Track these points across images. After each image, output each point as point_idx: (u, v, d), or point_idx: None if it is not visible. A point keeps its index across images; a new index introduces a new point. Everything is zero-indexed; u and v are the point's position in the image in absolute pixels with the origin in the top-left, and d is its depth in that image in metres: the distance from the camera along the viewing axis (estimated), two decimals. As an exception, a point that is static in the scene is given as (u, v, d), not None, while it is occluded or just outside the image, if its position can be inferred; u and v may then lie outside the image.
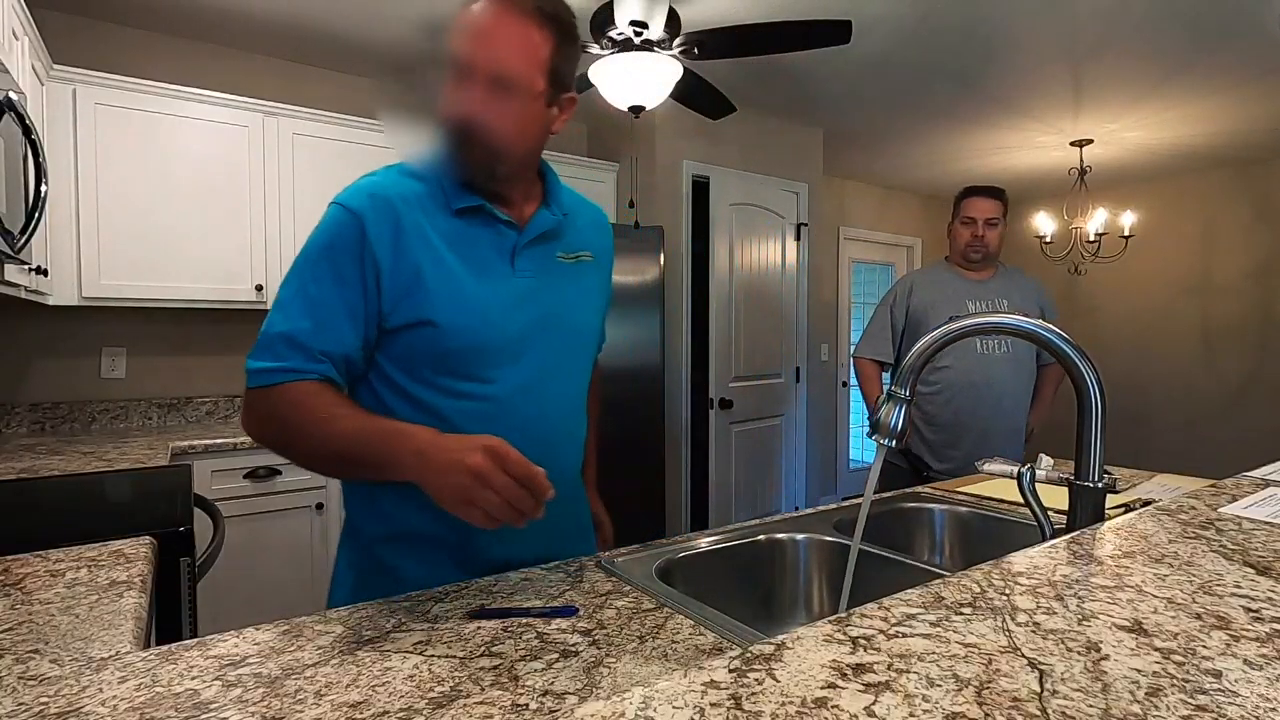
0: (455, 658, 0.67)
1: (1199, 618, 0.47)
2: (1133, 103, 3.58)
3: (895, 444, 0.82)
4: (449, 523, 0.91)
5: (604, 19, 2.24)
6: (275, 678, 0.63)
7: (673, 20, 2.28)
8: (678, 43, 2.32)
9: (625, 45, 2.26)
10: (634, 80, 2.31)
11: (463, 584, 0.87)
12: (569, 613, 0.78)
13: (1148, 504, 0.79)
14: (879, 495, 1.41)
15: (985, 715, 0.35)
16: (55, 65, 2.29)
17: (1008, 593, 0.52)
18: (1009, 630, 0.45)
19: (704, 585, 1.02)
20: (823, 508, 1.32)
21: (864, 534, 0.82)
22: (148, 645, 0.79)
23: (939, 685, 0.38)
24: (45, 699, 0.59)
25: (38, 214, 1.70)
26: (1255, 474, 0.89)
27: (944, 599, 0.51)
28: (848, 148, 4.41)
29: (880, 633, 0.45)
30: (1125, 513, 0.76)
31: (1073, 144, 4.23)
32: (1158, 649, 0.42)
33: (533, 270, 0.97)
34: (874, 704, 0.36)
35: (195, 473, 1.97)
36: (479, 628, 0.74)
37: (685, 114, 3.04)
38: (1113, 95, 3.48)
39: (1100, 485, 0.81)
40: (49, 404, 2.61)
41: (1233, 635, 0.44)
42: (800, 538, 1.15)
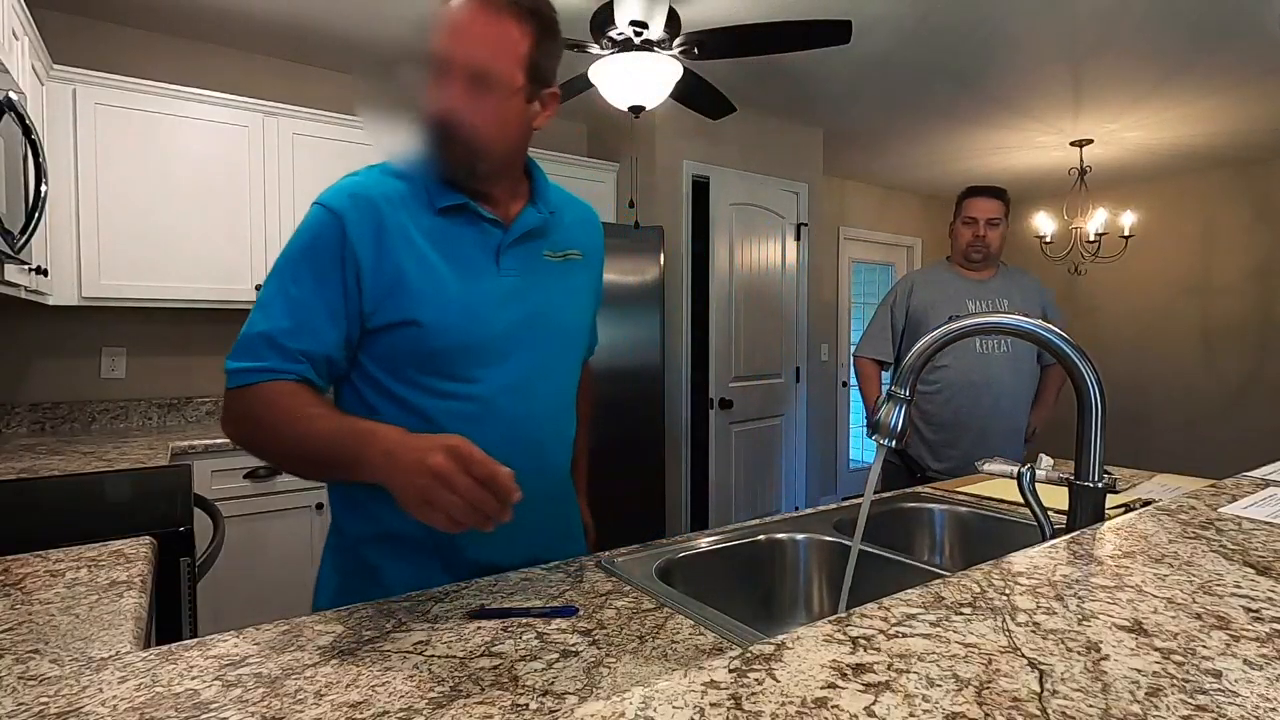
0: (455, 658, 0.67)
1: (1199, 618, 0.47)
2: (1133, 103, 3.58)
3: (895, 444, 0.82)
4: (427, 525, 0.92)
5: (604, 19, 2.24)
6: (275, 678, 0.63)
7: (673, 20, 2.28)
8: (678, 43, 2.32)
9: (625, 45, 2.26)
10: (634, 80, 2.31)
11: (462, 584, 0.87)
12: (569, 613, 0.78)
13: (1148, 504, 0.79)
14: (879, 495, 1.41)
15: (985, 715, 0.35)
16: (55, 65, 2.29)
17: (1008, 593, 0.52)
18: (1009, 630, 0.45)
19: (704, 585, 1.02)
20: (823, 508, 1.32)
21: (864, 534, 0.82)
22: (148, 645, 0.79)
23: (939, 685, 0.38)
24: (45, 699, 0.59)
25: (38, 214, 1.70)
26: (1255, 474, 0.89)
27: (944, 599, 0.51)
28: (848, 148, 4.41)
29: (880, 633, 0.45)
30: (1125, 513, 0.76)
31: (1073, 144, 4.23)
32: (1158, 649, 0.42)
33: (519, 269, 0.96)
34: (874, 704, 0.36)
35: (195, 473, 1.97)
36: (479, 628, 0.74)
37: (685, 114, 3.04)
38: (1113, 95, 3.48)
39: (1100, 485, 0.81)
40: (49, 404, 2.61)
41: (1233, 635, 0.44)
42: (800, 538, 1.15)
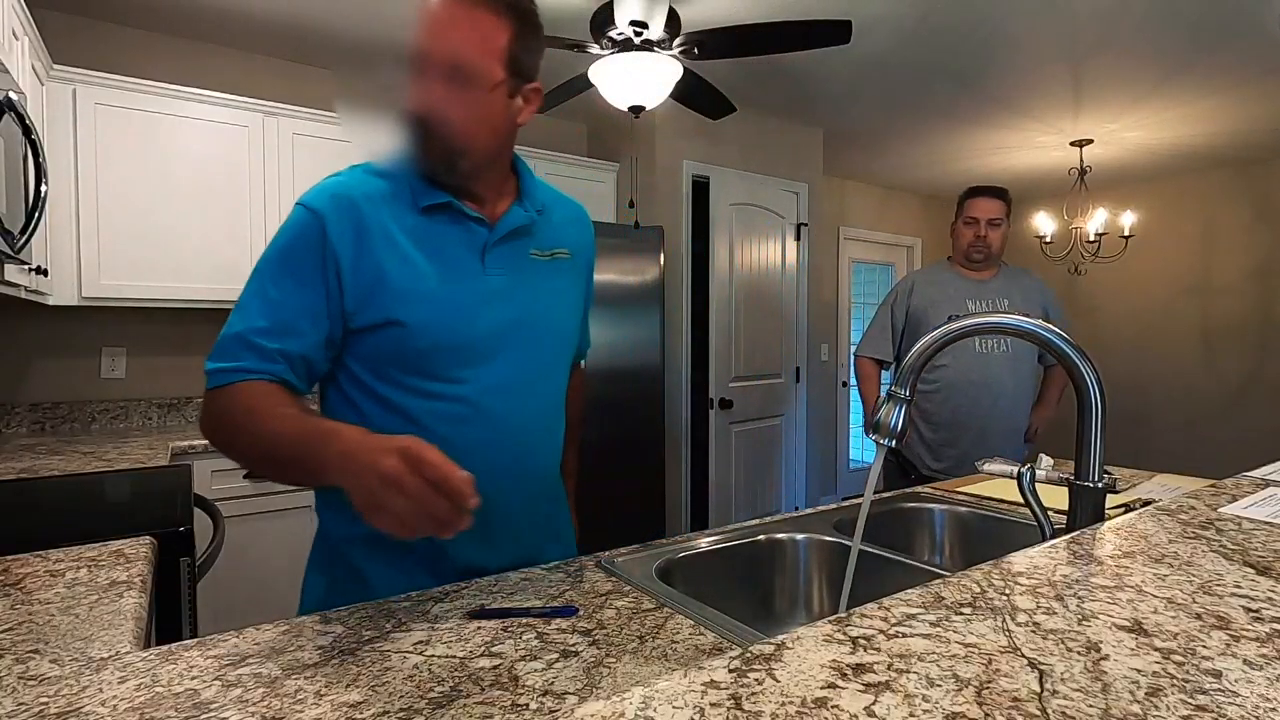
0: (455, 658, 0.67)
1: (1199, 618, 0.47)
2: (1133, 103, 3.58)
3: (895, 444, 0.82)
4: None
5: (604, 19, 2.24)
6: (275, 678, 0.63)
7: (673, 20, 2.28)
8: (678, 43, 2.32)
9: (625, 45, 2.26)
10: (634, 80, 2.31)
11: (462, 584, 0.87)
12: (569, 613, 0.78)
13: (1148, 504, 0.79)
14: (879, 495, 1.41)
15: (985, 715, 0.35)
16: (55, 65, 2.29)
17: (1008, 593, 0.52)
18: (1009, 630, 0.45)
19: (704, 585, 1.02)
20: (823, 508, 1.32)
21: (864, 534, 0.82)
22: (148, 645, 0.79)
23: (939, 685, 0.38)
24: (45, 699, 0.59)
25: (38, 214, 1.70)
26: (1255, 474, 0.89)
27: (944, 599, 0.51)
28: (848, 148, 4.41)
29: (880, 633, 0.45)
30: (1125, 513, 0.76)
31: (1073, 144, 4.23)
32: (1158, 649, 0.42)
33: (504, 268, 0.95)
34: (874, 704, 0.36)
35: (195, 473, 1.97)
36: (479, 628, 0.74)
37: (685, 114, 3.04)
38: (1113, 95, 3.48)
39: (1100, 485, 0.81)
40: (49, 404, 2.61)
41: (1233, 635, 0.44)
42: (800, 538, 1.14)
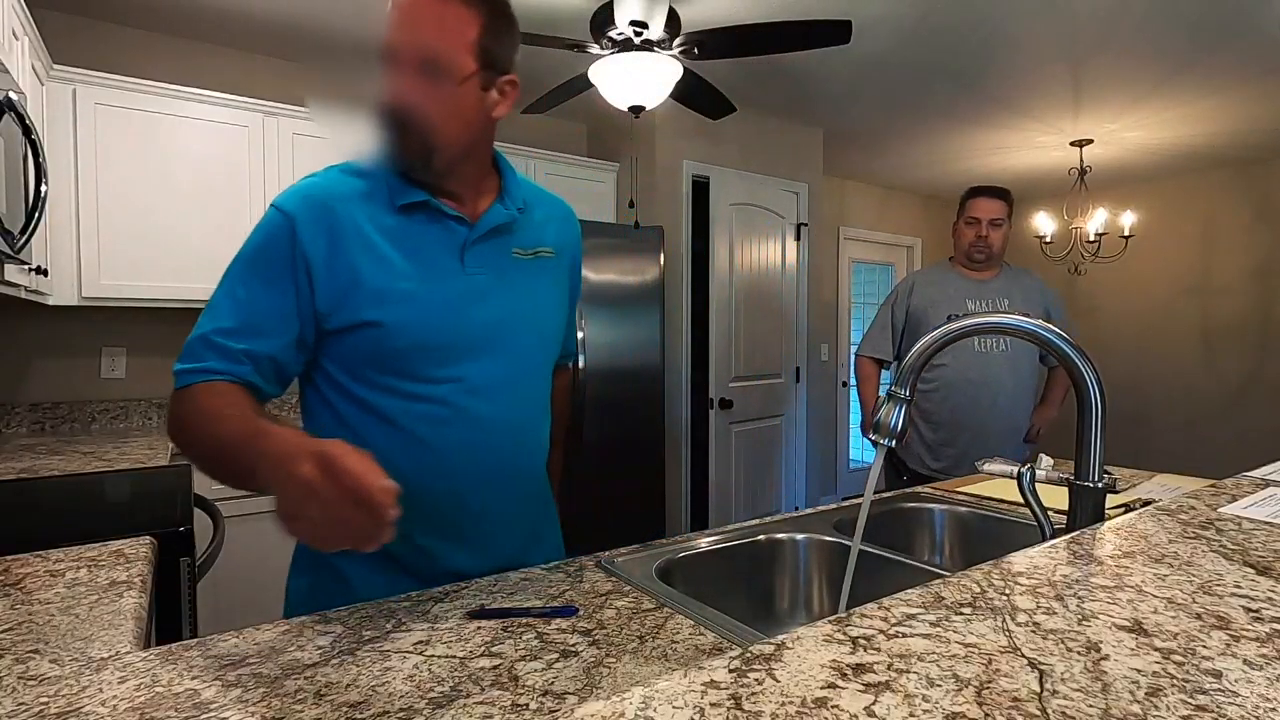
0: (455, 658, 0.67)
1: (1199, 618, 0.47)
2: (1133, 103, 3.58)
3: (895, 444, 0.82)
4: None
5: (604, 19, 2.24)
6: (275, 678, 0.63)
7: (673, 20, 2.28)
8: (678, 43, 2.32)
9: (625, 45, 2.26)
10: (634, 80, 2.31)
11: (462, 584, 0.87)
12: (569, 613, 0.78)
13: (1148, 504, 0.79)
14: (879, 495, 1.41)
15: (985, 715, 0.35)
16: (55, 65, 2.29)
17: (1008, 593, 0.52)
18: (1009, 630, 0.45)
19: (704, 585, 1.02)
20: (823, 508, 1.32)
21: (864, 534, 0.82)
22: (148, 645, 0.79)
23: (939, 685, 0.38)
24: (45, 699, 0.59)
25: (38, 214, 1.70)
26: (1255, 474, 0.89)
27: (944, 599, 0.51)
28: (848, 148, 4.41)
29: (880, 633, 0.45)
30: (1125, 513, 0.76)
31: (1073, 144, 4.23)
32: (1158, 649, 0.42)
33: (485, 267, 0.94)
34: (874, 704, 0.36)
35: (195, 473, 1.97)
36: (479, 628, 0.74)
37: (685, 114, 3.04)
38: (1113, 95, 3.48)
39: (1100, 485, 0.81)
40: (49, 404, 2.61)
41: (1233, 635, 0.44)
42: (800, 538, 1.14)
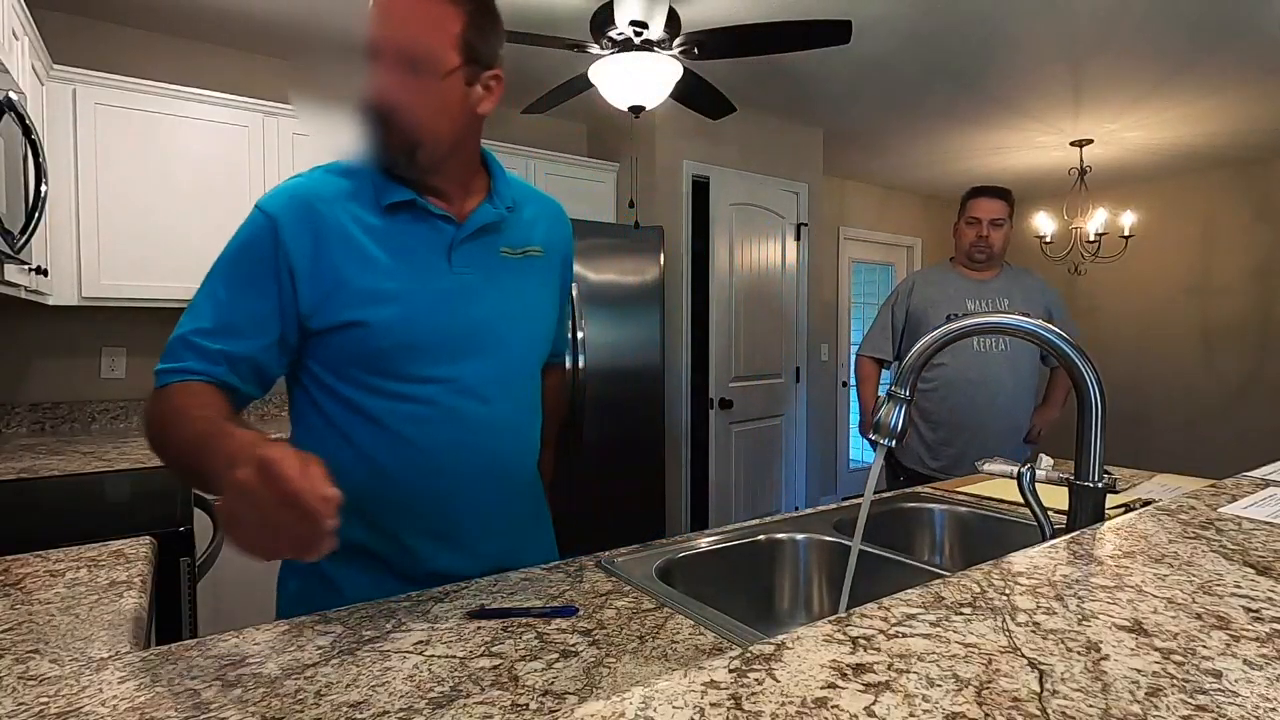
0: (455, 658, 0.67)
1: (1199, 618, 0.47)
2: (1133, 103, 3.58)
3: (895, 443, 0.82)
4: (377, 532, 0.90)
5: (604, 19, 2.24)
6: (275, 678, 0.63)
7: (673, 20, 2.28)
8: (678, 43, 2.32)
9: (625, 45, 2.26)
10: (634, 80, 2.31)
11: (462, 584, 0.87)
12: (569, 613, 0.78)
13: (1148, 504, 0.79)
14: (879, 495, 1.41)
15: (985, 715, 0.35)
16: (55, 65, 2.29)
17: (1008, 593, 0.52)
18: (1009, 630, 0.45)
19: (704, 585, 1.02)
20: (823, 508, 1.32)
21: (864, 534, 0.82)
22: (148, 645, 0.79)
23: (939, 685, 0.38)
24: (45, 699, 0.59)
25: (38, 214, 1.70)
26: (1255, 474, 0.89)
27: (944, 599, 0.51)
28: (848, 148, 4.41)
29: (880, 633, 0.45)
30: (1125, 513, 0.76)
31: (1073, 144, 4.22)
32: (1158, 649, 0.42)
33: (472, 267, 0.93)
34: (874, 704, 0.36)
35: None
36: (479, 628, 0.74)
37: (685, 114, 3.04)
38: (1113, 95, 3.47)
39: (1100, 485, 0.81)
40: (49, 404, 2.61)
41: (1233, 635, 0.44)
42: (800, 538, 1.14)
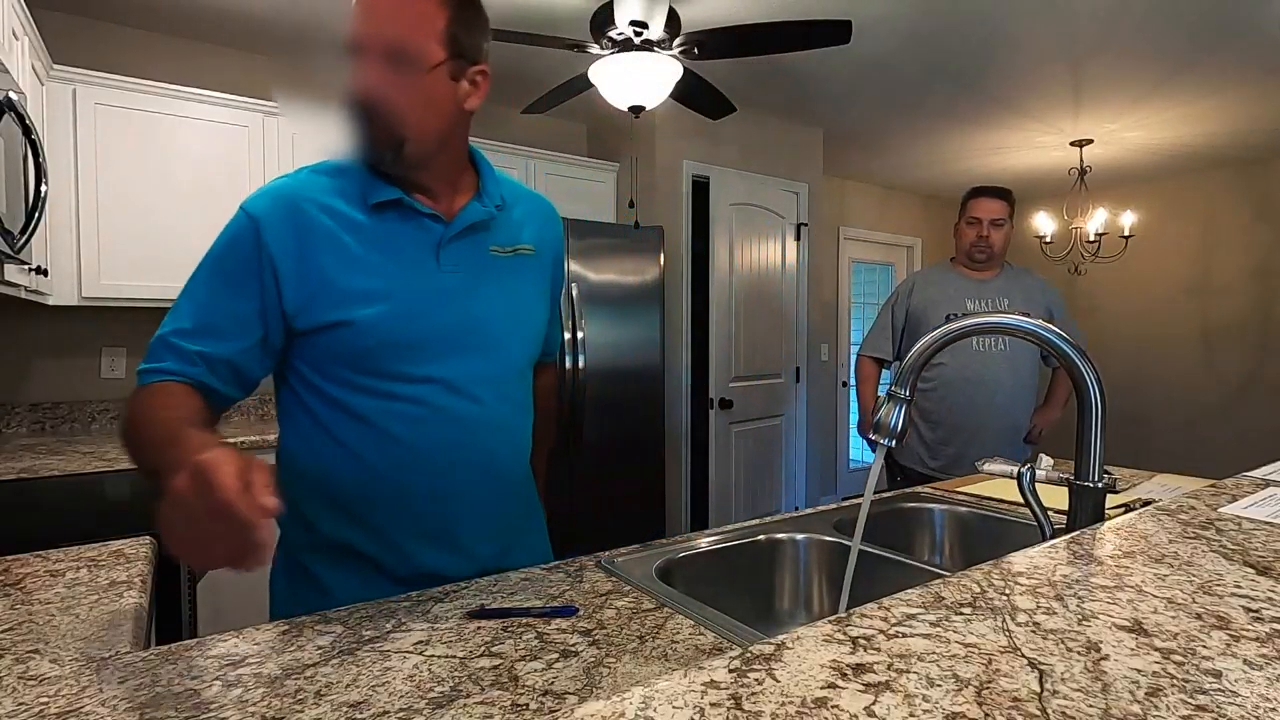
0: (455, 658, 0.67)
1: (1199, 618, 0.47)
2: (1133, 103, 3.58)
3: (895, 443, 0.82)
4: (367, 531, 0.90)
5: (604, 19, 2.24)
6: (275, 678, 0.63)
7: (673, 20, 2.28)
8: (678, 43, 2.32)
9: (625, 45, 2.26)
10: (634, 80, 2.31)
11: (462, 584, 0.87)
12: (569, 613, 0.78)
13: (1148, 504, 0.79)
14: (879, 495, 1.41)
15: (985, 715, 0.35)
16: (55, 65, 2.29)
17: (1008, 593, 0.52)
18: (1009, 630, 0.45)
19: (704, 585, 1.02)
20: (823, 508, 1.32)
21: (864, 534, 0.82)
22: (148, 645, 0.79)
23: (939, 685, 0.38)
24: (45, 699, 0.59)
25: (38, 214, 1.70)
26: (1255, 474, 0.89)
27: (944, 599, 0.51)
28: (848, 148, 4.41)
29: (880, 633, 0.45)
30: (1125, 513, 0.76)
31: (1073, 144, 4.22)
32: (1158, 649, 0.42)
33: (461, 265, 0.93)
34: (874, 704, 0.36)
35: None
36: (479, 628, 0.74)
37: (685, 114, 3.04)
38: (1113, 95, 3.47)
39: (1100, 485, 0.81)
40: (49, 404, 2.61)
41: (1233, 635, 0.44)
42: (800, 538, 1.14)
